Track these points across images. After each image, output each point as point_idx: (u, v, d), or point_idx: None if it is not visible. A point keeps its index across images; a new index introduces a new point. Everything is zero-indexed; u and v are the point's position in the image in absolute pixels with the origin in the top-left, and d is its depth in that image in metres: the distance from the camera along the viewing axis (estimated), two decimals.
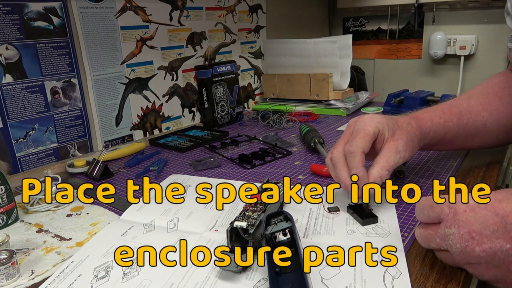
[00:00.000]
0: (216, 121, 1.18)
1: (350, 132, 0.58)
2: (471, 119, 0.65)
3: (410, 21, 1.65)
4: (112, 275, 0.46)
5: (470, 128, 0.65)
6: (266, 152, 0.87)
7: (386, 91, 1.51)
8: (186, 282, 0.44)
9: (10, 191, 0.62)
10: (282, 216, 0.47)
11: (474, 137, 0.67)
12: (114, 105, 0.98)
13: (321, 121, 1.17)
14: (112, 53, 0.96)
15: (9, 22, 0.77)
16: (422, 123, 0.61)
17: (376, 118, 0.57)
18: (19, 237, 0.58)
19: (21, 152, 0.82)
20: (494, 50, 1.49)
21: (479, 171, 0.71)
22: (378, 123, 0.56)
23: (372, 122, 0.56)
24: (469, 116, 0.65)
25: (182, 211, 0.62)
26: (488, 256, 0.37)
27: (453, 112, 0.64)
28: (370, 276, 0.43)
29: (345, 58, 1.28)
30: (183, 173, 0.80)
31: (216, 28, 1.24)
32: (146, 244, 0.53)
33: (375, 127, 0.55)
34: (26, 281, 0.47)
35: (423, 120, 0.62)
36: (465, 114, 0.64)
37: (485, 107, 0.66)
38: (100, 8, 0.92)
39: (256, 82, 1.45)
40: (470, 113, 0.65)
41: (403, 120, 0.60)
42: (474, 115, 0.65)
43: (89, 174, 0.81)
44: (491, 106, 0.66)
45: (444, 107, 0.65)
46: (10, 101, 0.79)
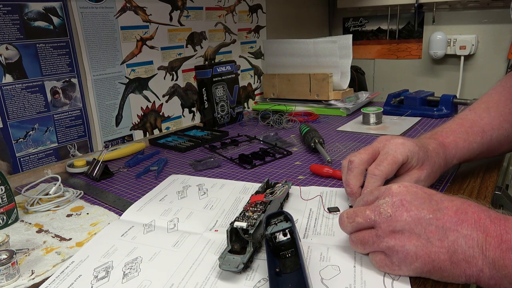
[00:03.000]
0: (216, 121, 1.18)
1: (378, 148, 0.58)
2: (494, 134, 0.64)
3: (410, 21, 1.65)
4: (112, 276, 0.46)
5: (494, 143, 0.64)
6: (266, 152, 0.87)
7: (386, 91, 1.51)
8: (186, 282, 0.44)
9: (10, 191, 0.62)
10: (282, 216, 0.47)
11: (497, 149, 0.66)
12: (114, 105, 0.98)
13: (321, 121, 1.17)
14: (112, 53, 0.96)
15: (9, 22, 0.77)
16: (448, 151, 0.61)
17: (409, 145, 0.56)
18: (19, 237, 0.58)
19: (21, 152, 0.82)
20: (494, 50, 1.49)
21: (479, 171, 0.71)
22: (410, 152, 0.56)
23: (404, 150, 0.55)
24: (492, 132, 0.63)
25: (182, 211, 0.62)
26: (413, 222, 0.41)
27: (476, 131, 0.63)
28: (370, 277, 0.43)
29: (345, 58, 1.28)
30: (183, 173, 0.80)
31: (216, 28, 1.24)
32: (146, 244, 0.53)
33: (405, 156, 0.55)
34: (26, 281, 0.47)
35: (449, 147, 0.61)
36: (488, 131, 0.63)
37: (506, 117, 0.64)
38: (100, 8, 0.92)
39: (256, 82, 1.45)
40: (493, 129, 0.64)
41: (432, 148, 0.59)
42: (497, 130, 0.64)
43: (89, 174, 0.81)
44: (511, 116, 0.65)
45: (466, 125, 0.64)
46: (10, 101, 0.79)
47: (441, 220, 0.40)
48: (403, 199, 0.42)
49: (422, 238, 0.40)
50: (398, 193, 0.43)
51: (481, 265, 0.38)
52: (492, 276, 0.38)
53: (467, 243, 0.39)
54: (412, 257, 0.40)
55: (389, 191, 0.44)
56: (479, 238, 0.38)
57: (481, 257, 0.38)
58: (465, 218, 0.40)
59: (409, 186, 0.44)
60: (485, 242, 0.38)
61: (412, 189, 0.44)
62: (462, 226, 0.39)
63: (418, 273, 0.42)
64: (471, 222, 0.40)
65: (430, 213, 0.41)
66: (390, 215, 0.42)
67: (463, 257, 0.39)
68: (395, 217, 0.41)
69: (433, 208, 0.41)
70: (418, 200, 0.42)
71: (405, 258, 0.41)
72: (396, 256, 0.41)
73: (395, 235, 0.41)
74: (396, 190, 0.43)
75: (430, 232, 0.40)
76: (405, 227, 0.41)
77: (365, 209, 0.44)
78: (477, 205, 0.42)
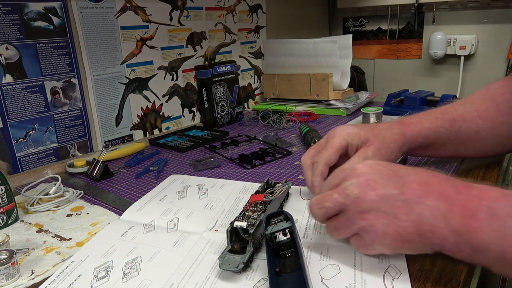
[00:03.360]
0: (216, 121, 1.18)
1: (324, 140, 0.61)
2: (464, 126, 0.63)
3: (410, 21, 1.65)
4: (112, 275, 0.46)
5: (462, 135, 0.64)
6: (266, 152, 0.87)
7: (386, 91, 1.51)
8: (186, 282, 0.44)
9: (10, 191, 0.62)
10: (282, 216, 0.47)
11: (466, 144, 0.65)
12: (114, 105, 0.98)
13: (321, 121, 1.17)
14: (112, 53, 0.96)
15: (9, 22, 0.77)
16: (409, 128, 0.61)
17: (348, 129, 0.58)
18: (19, 237, 0.58)
19: (21, 152, 0.82)
20: (494, 50, 1.49)
21: (479, 171, 0.71)
22: (348, 134, 0.58)
23: (341, 134, 0.58)
24: (462, 123, 0.63)
25: (182, 211, 0.62)
26: (380, 201, 0.41)
27: (446, 118, 0.63)
28: (370, 276, 0.43)
29: (345, 58, 1.28)
30: (183, 173, 0.80)
31: (216, 28, 1.24)
32: (146, 244, 0.53)
33: (343, 140, 0.57)
34: (26, 281, 0.47)
35: (411, 125, 0.61)
36: (458, 121, 0.63)
37: (480, 114, 0.64)
38: (100, 8, 0.92)
39: (256, 82, 1.45)
40: (464, 120, 0.64)
41: (383, 126, 0.60)
42: (468, 122, 0.64)
43: (89, 174, 0.81)
44: (486, 113, 0.64)
45: (437, 112, 0.65)
46: (10, 101, 0.79)
47: (407, 194, 0.41)
48: (369, 179, 0.43)
49: (390, 215, 0.41)
50: (363, 173, 0.43)
51: (445, 233, 0.39)
52: (454, 243, 0.39)
53: (432, 213, 0.40)
54: (382, 235, 0.42)
55: (354, 172, 0.44)
56: (443, 208, 0.40)
57: (445, 226, 0.39)
58: (429, 189, 0.41)
59: (373, 165, 0.45)
60: (448, 211, 0.39)
61: (377, 167, 0.44)
62: (427, 198, 0.41)
63: (392, 250, 0.43)
64: (436, 193, 0.41)
65: (395, 189, 0.42)
66: (357, 196, 0.42)
67: (429, 228, 0.40)
68: (362, 197, 0.42)
69: (398, 184, 0.42)
70: (383, 178, 0.43)
71: (376, 237, 0.42)
72: (368, 236, 0.43)
73: (364, 215, 0.42)
74: (361, 170, 0.44)
75: (396, 208, 0.41)
76: (373, 206, 0.42)
77: (332, 193, 0.45)
78: (442, 176, 0.43)
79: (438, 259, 0.46)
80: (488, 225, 0.37)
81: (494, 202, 0.38)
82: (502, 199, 0.38)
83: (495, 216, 0.37)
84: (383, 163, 0.45)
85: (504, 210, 0.37)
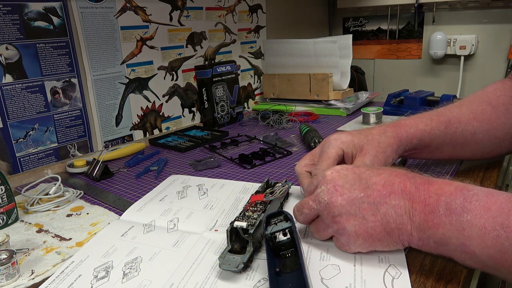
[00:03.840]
0: (216, 121, 1.18)
1: (319, 150, 0.61)
2: (460, 128, 0.63)
3: (410, 21, 1.65)
4: (112, 275, 0.46)
5: (459, 137, 0.64)
6: (266, 152, 0.87)
7: (386, 91, 1.51)
8: (186, 282, 0.44)
9: (10, 191, 0.62)
10: (282, 216, 0.47)
11: (462, 146, 0.65)
12: (114, 105, 0.98)
13: (321, 121, 1.17)
14: (112, 53, 0.96)
15: (9, 22, 0.77)
16: (403, 130, 0.61)
17: (342, 137, 0.59)
18: (19, 237, 0.58)
19: (21, 152, 0.82)
20: (494, 50, 1.49)
21: (479, 171, 0.71)
22: (342, 143, 0.58)
23: (335, 143, 0.58)
24: (458, 124, 0.63)
25: (182, 211, 0.62)
26: (347, 204, 0.44)
27: (441, 120, 0.63)
28: (370, 276, 0.43)
29: (345, 58, 1.28)
30: (183, 173, 0.80)
31: (216, 28, 1.24)
32: (146, 244, 0.53)
33: (338, 149, 0.58)
34: (26, 281, 0.47)
35: (405, 126, 0.61)
36: (454, 123, 0.63)
37: (476, 116, 0.64)
38: (100, 8, 0.92)
39: (256, 82, 1.45)
40: (459, 122, 0.63)
41: (376, 131, 0.60)
42: (464, 124, 0.63)
43: (89, 174, 0.81)
44: (483, 115, 0.64)
45: (433, 114, 0.64)
46: (10, 101, 0.79)
47: (372, 196, 0.44)
48: (336, 185, 0.45)
49: (358, 216, 0.44)
50: (331, 179, 0.46)
51: (410, 229, 0.42)
52: (419, 238, 0.42)
53: (396, 212, 0.42)
54: (354, 236, 0.44)
55: (324, 179, 0.47)
56: (406, 206, 0.42)
57: (410, 222, 0.42)
58: (392, 189, 0.43)
59: (340, 170, 0.47)
60: (411, 208, 0.42)
61: (343, 172, 0.47)
62: (390, 198, 0.43)
63: (365, 248, 0.45)
64: (398, 192, 0.43)
65: (361, 192, 0.44)
66: (327, 202, 0.45)
67: (395, 226, 0.43)
68: (331, 203, 0.45)
69: (363, 187, 0.44)
70: (349, 182, 0.45)
71: (349, 238, 0.45)
72: (343, 238, 0.46)
73: (336, 219, 0.45)
74: (329, 177, 0.47)
75: (364, 210, 0.44)
76: (342, 211, 0.44)
77: (308, 200, 0.48)
78: (404, 173, 0.45)
79: (438, 259, 0.46)
80: (446, 220, 0.40)
81: (451, 198, 0.40)
82: (459, 194, 0.40)
83: (452, 211, 0.39)
84: (348, 167, 0.48)
85: (459, 205, 0.39)
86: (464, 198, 0.40)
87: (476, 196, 0.40)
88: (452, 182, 0.42)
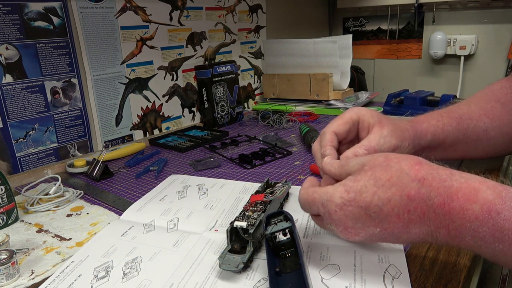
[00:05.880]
0: (216, 121, 1.18)
1: None
2: (472, 124, 0.62)
3: (410, 21, 1.65)
4: (112, 275, 0.46)
5: (471, 133, 0.62)
6: (266, 152, 0.87)
7: (386, 91, 1.51)
8: (186, 282, 0.44)
9: (10, 191, 0.62)
10: (282, 216, 0.46)
11: (476, 143, 0.64)
12: (114, 105, 0.98)
13: (321, 121, 1.17)
14: (112, 53, 0.96)
15: (9, 22, 0.77)
16: (417, 124, 0.60)
17: (361, 109, 0.57)
18: (19, 237, 0.58)
19: (21, 152, 0.82)
20: (494, 50, 1.49)
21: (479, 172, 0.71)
22: (360, 110, 0.56)
23: (352, 110, 0.56)
24: (469, 121, 0.62)
25: (182, 211, 0.62)
26: (367, 240, 0.43)
27: (452, 116, 0.62)
28: (370, 276, 0.43)
29: (345, 58, 1.28)
30: (183, 173, 0.80)
31: (216, 28, 1.24)
32: (146, 244, 0.53)
33: (354, 114, 0.56)
34: (26, 281, 0.47)
35: (418, 121, 0.60)
36: (465, 119, 0.62)
37: (486, 112, 0.63)
38: (100, 8, 0.92)
39: (256, 82, 1.45)
40: (471, 118, 0.62)
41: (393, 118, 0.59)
42: (475, 121, 0.62)
43: (89, 174, 0.81)
44: (492, 112, 0.63)
45: (442, 111, 0.63)
46: (10, 101, 0.79)
47: (389, 229, 0.41)
48: (347, 227, 0.42)
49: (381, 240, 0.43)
50: (338, 221, 0.42)
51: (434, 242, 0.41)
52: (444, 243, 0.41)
53: (419, 236, 0.41)
54: None
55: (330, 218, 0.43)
56: (428, 230, 0.40)
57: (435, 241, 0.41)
58: (409, 218, 0.40)
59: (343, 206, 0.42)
60: (434, 231, 0.40)
61: (348, 209, 0.41)
62: (409, 227, 0.40)
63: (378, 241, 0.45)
64: (416, 221, 0.40)
65: (376, 227, 0.41)
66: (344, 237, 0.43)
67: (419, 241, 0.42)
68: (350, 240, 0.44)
69: (376, 221, 0.41)
70: (359, 220, 0.41)
71: None
72: None
73: None
74: (335, 217, 0.42)
75: (385, 239, 0.43)
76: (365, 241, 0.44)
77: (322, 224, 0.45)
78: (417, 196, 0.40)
79: (438, 259, 0.46)
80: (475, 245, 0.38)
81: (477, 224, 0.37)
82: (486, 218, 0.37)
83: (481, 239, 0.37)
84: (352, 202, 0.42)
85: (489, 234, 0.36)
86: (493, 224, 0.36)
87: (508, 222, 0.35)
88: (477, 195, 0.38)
